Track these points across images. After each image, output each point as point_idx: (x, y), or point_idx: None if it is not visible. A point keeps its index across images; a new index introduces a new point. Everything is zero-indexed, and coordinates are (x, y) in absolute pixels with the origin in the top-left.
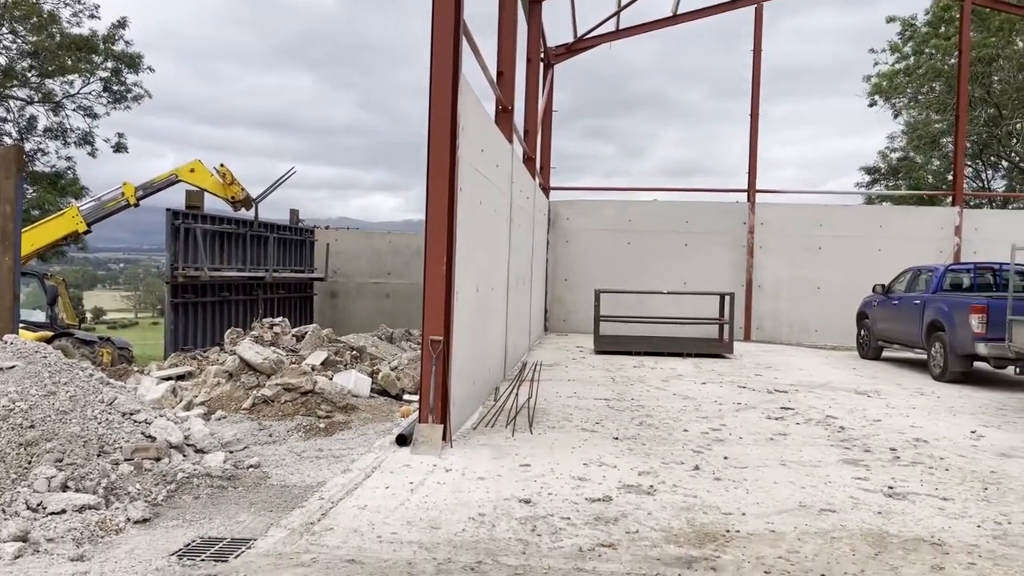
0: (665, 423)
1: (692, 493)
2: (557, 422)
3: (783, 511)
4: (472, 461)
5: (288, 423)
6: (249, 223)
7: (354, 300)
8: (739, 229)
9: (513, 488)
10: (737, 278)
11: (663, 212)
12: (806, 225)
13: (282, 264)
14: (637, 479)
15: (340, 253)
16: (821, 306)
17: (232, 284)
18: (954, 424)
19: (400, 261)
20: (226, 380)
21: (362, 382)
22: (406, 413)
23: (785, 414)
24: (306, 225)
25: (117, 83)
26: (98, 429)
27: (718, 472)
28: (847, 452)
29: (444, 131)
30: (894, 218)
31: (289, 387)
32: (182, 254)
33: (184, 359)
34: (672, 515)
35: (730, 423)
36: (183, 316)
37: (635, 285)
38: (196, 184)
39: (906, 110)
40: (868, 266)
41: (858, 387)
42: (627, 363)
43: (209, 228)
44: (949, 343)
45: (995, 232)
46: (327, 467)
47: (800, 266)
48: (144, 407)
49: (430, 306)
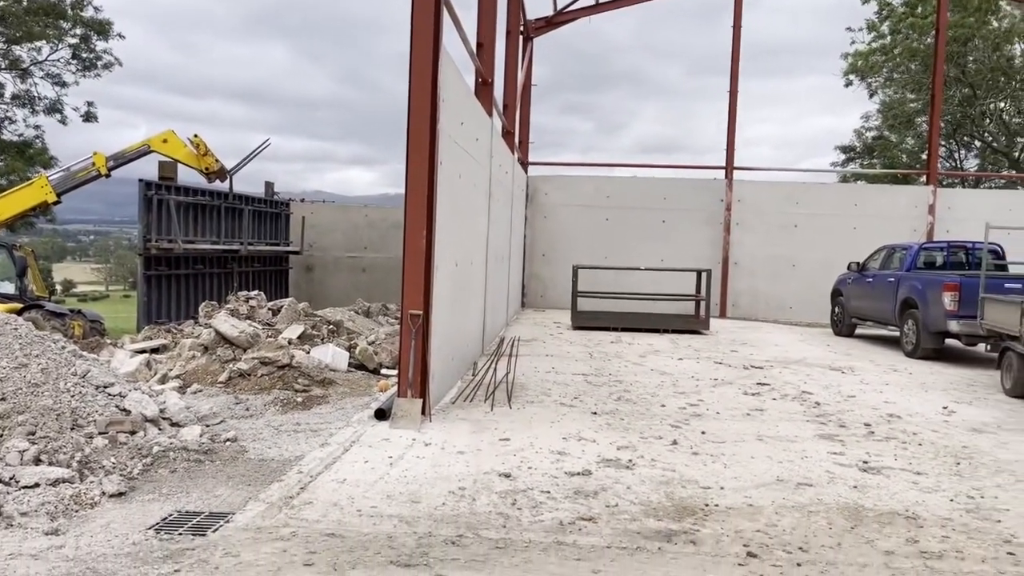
0: (643, 398)
1: (671, 467)
2: (536, 397)
3: (761, 485)
4: (451, 435)
5: (265, 397)
6: (224, 195)
7: (330, 274)
8: (716, 206)
9: (493, 462)
10: (714, 255)
11: (641, 189)
12: (783, 203)
13: (257, 237)
14: (616, 453)
15: (316, 226)
16: (797, 283)
17: (206, 257)
18: (927, 400)
19: (377, 235)
20: (202, 353)
21: (340, 356)
22: (384, 387)
23: (761, 390)
24: (281, 198)
25: (86, 50)
26: (71, 402)
27: (696, 447)
28: (823, 427)
29: (425, 103)
30: (869, 196)
31: (266, 361)
32: (155, 226)
33: (158, 332)
34: (651, 489)
35: (707, 398)
36: (156, 289)
37: (613, 261)
38: (169, 155)
39: (882, 89)
40: (843, 244)
41: (832, 363)
42: (605, 339)
43: (183, 200)
44: (922, 320)
45: (967, 211)
46: (305, 441)
47: (776, 243)
48: (118, 380)
49: (409, 280)
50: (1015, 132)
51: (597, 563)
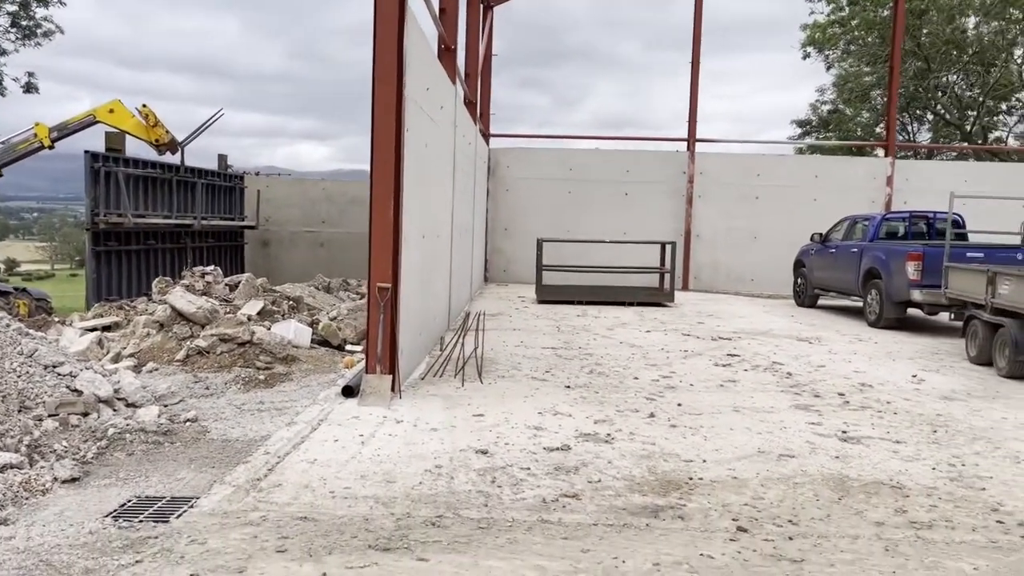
0: (615, 371)
1: (650, 441)
2: (507, 371)
3: (743, 457)
4: (423, 412)
5: (225, 375)
6: (175, 168)
7: (287, 249)
8: (679, 179)
9: (468, 439)
10: (676, 228)
11: (604, 161)
12: (744, 175)
13: (211, 212)
14: (594, 427)
15: (271, 201)
16: (758, 255)
17: (158, 232)
18: (895, 369)
19: (335, 209)
20: (157, 331)
21: (302, 332)
22: (350, 364)
23: (732, 361)
24: (235, 171)
25: (25, 17)
26: (17, 383)
27: (674, 419)
28: (798, 398)
29: (391, 64)
30: (829, 168)
31: (225, 338)
32: (103, 200)
33: (110, 309)
34: (633, 463)
35: (679, 370)
36: (106, 265)
37: (576, 234)
38: (116, 125)
39: (838, 63)
40: (803, 215)
41: (799, 334)
42: (571, 312)
43: (132, 172)
44: (885, 290)
45: (924, 182)
46: (270, 420)
47: (737, 216)
48: (68, 359)
49: (377, 252)
50: (967, 106)
51: (585, 541)
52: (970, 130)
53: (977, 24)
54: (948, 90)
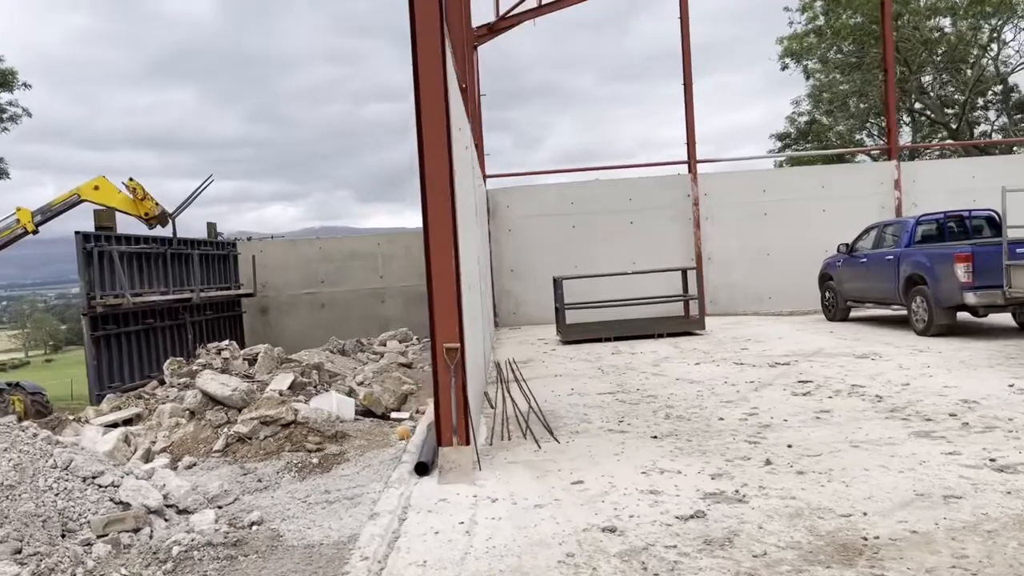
0: (693, 412)
1: (787, 494)
2: (577, 425)
3: (904, 505)
4: (515, 485)
5: (275, 463)
6: (168, 240)
7: (286, 314)
8: (683, 202)
9: (584, 514)
10: (686, 252)
11: (605, 191)
12: (749, 192)
13: (207, 282)
14: (713, 484)
15: (267, 265)
16: (772, 273)
17: (156, 309)
18: (985, 379)
19: (333, 268)
20: (187, 420)
21: (345, 404)
22: (404, 434)
23: (808, 388)
24: (226, 239)
25: None
26: (56, 502)
27: (794, 464)
28: (909, 424)
29: (438, 99)
30: (835, 177)
31: (267, 420)
32: (98, 281)
33: (127, 400)
34: (786, 525)
35: (760, 405)
36: (106, 350)
37: (584, 268)
38: (103, 203)
39: (814, 76)
40: (814, 227)
41: (854, 351)
42: (603, 351)
43: (126, 249)
44: (933, 296)
45: (931, 183)
46: (346, 513)
47: (748, 234)
48: (108, 467)
49: (440, 307)
50: (947, 103)
51: None
52: (956, 127)
53: (954, 22)
54: (929, 90)
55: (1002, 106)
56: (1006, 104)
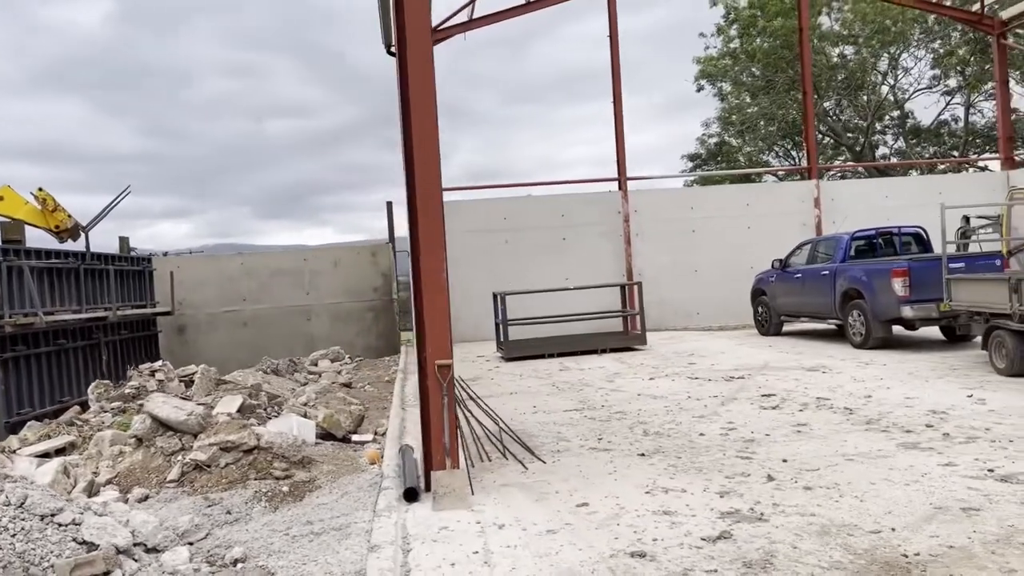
0: (670, 428)
1: (805, 511)
2: (556, 444)
3: (927, 519)
4: (517, 510)
5: (241, 492)
6: (81, 255)
7: (205, 333)
8: (615, 219)
9: (604, 540)
10: (618, 268)
11: (538, 207)
12: (678, 209)
13: (122, 300)
14: (726, 503)
15: (183, 282)
16: (700, 289)
17: (68, 329)
18: (941, 390)
19: (256, 284)
20: (135, 447)
21: (306, 427)
22: (374, 458)
23: (774, 401)
24: (140, 253)
25: None
26: (15, 544)
27: (798, 479)
28: (891, 436)
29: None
30: (759, 196)
31: (227, 446)
32: (6, 298)
33: (58, 427)
34: (819, 544)
35: (735, 419)
36: (14, 374)
37: (517, 285)
38: (8, 215)
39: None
40: (739, 244)
41: (801, 364)
42: (550, 367)
43: (36, 264)
44: (871, 309)
45: (848, 201)
46: (339, 545)
47: (676, 251)
48: (68, 504)
49: (432, 324)
50: (848, 128)
51: None
52: (860, 150)
53: (857, 50)
54: (834, 113)
55: (899, 130)
56: (903, 128)
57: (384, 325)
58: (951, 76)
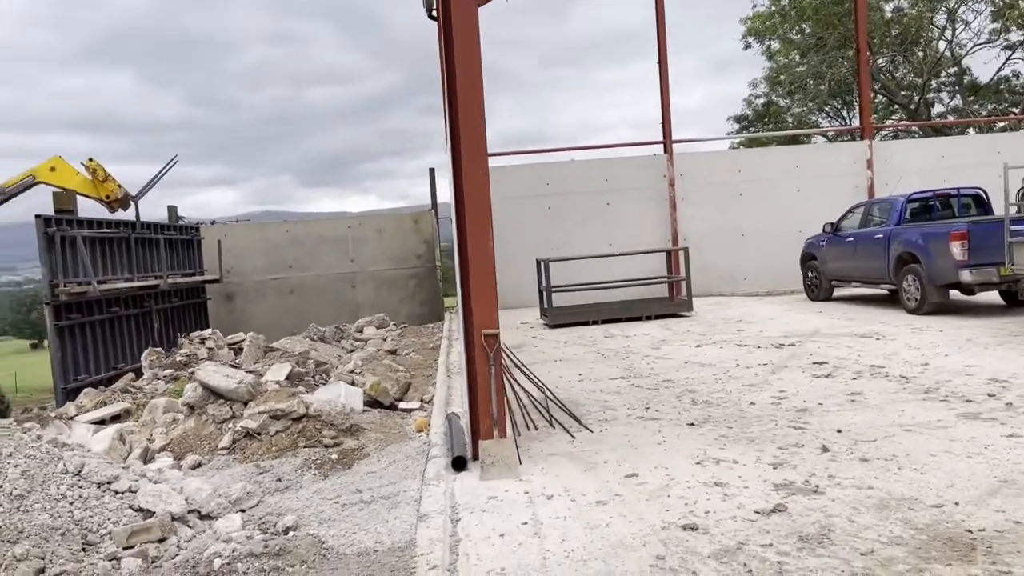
0: (719, 397)
1: (862, 483)
2: (603, 413)
3: (992, 492)
4: (565, 480)
5: (291, 460)
6: (131, 224)
7: (252, 301)
8: (660, 183)
9: (655, 511)
10: (663, 233)
11: (582, 172)
12: (725, 172)
13: (172, 268)
14: (779, 475)
15: (231, 250)
16: (747, 253)
17: (120, 297)
18: (1002, 357)
19: (302, 252)
20: (187, 415)
21: (353, 395)
22: (422, 426)
23: (826, 369)
24: (188, 222)
25: None
26: (73, 512)
27: (854, 451)
28: (951, 406)
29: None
30: (810, 157)
31: (277, 414)
32: (60, 267)
33: (113, 394)
34: (878, 518)
35: (786, 388)
36: (71, 341)
37: (561, 251)
38: (60, 185)
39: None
40: (788, 207)
41: (853, 330)
42: (594, 334)
43: (89, 234)
44: (927, 274)
45: (903, 162)
46: (388, 514)
47: (723, 215)
48: (124, 471)
49: (479, 292)
50: (902, 85)
51: None
52: (915, 109)
53: (914, 4)
54: (887, 71)
55: (956, 88)
56: (960, 85)
57: (427, 292)
58: (1012, 29)
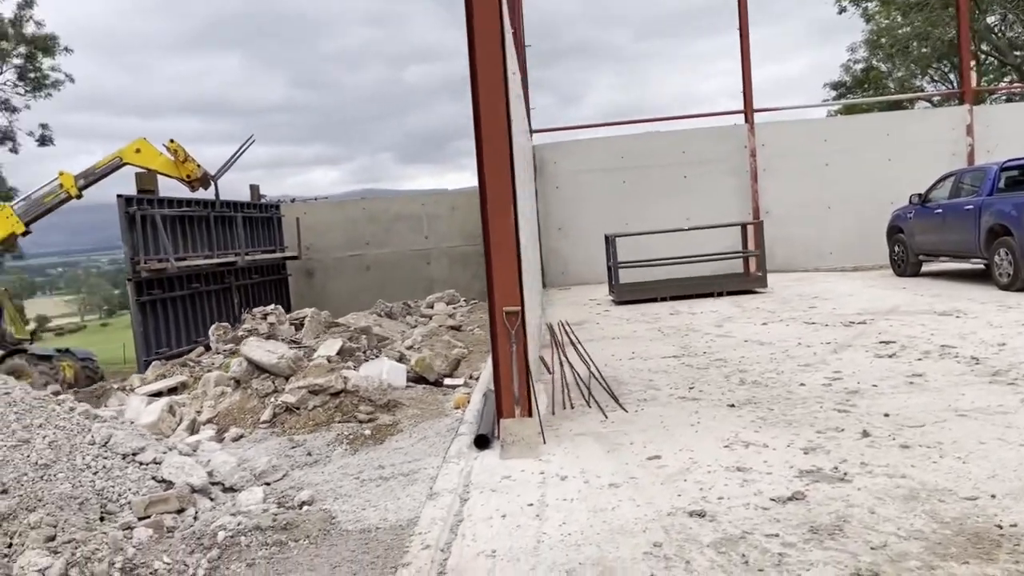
0: (770, 377)
1: (895, 472)
2: (644, 392)
3: None
4: (585, 461)
5: (325, 434)
6: (211, 203)
7: (332, 277)
8: (740, 154)
9: (667, 496)
10: (743, 206)
11: (658, 144)
12: (810, 142)
13: (251, 245)
14: (808, 460)
15: (311, 227)
16: (834, 227)
17: (201, 274)
18: None
19: (379, 229)
20: (233, 388)
21: (396, 371)
22: (461, 403)
23: (892, 349)
24: (269, 201)
25: (32, 69)
26: (95, 482)
27: (896, 436)
28: (1018, 390)
29: (494, 36)
30: (903, 124)
31: (316, 389)
32: (141, 245)
33: (172, 367)
34: (902, 510)
35: (844, 369)
36: (152, 316)
37: (635, 225)
38: (145, 165)
39: (874, 18)
40: (879, 178)
41: (933, 308)
42: (660, 311)
43: (169, 213)
44: (1020, 248)
45: (1007, 128)
46: (403, 491)
47: (807, 186)
48: (150, 443)
49: (500, 269)
50: (1015, 45)
51: None
52: None
53: None
54: (997, 30)
55: None
56: None
57: None
58: None
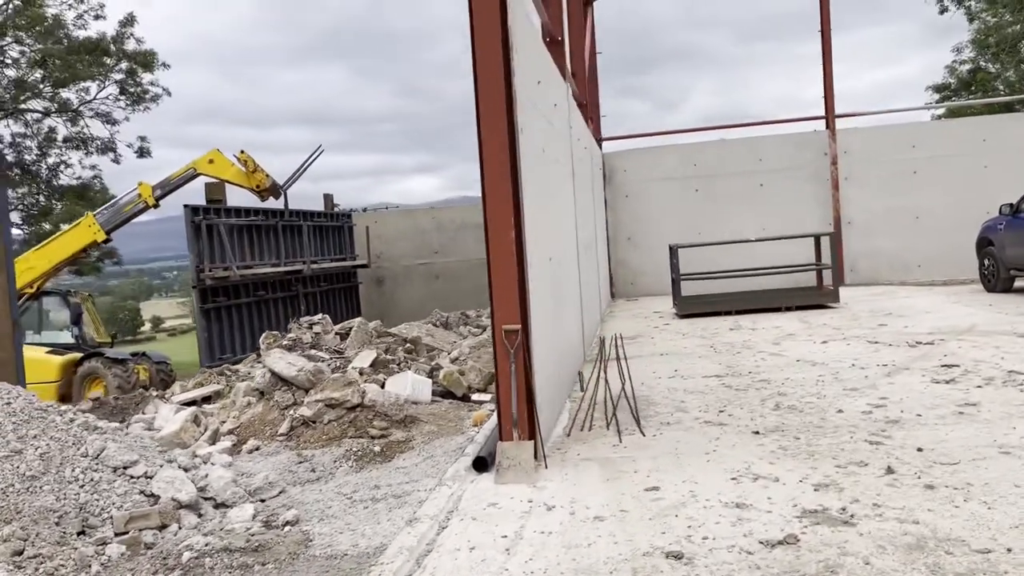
0: (808, 402)
1: (907, 516)
2: (670, 414)
3: None
4: (579, 489)
5: (334, 450)
6: (279, 212)
7: (401, 285)
8: (820, 161)
9: (649, 532)
10: (823, 216)
11: (732, 152)
12: (896, 148)
13: (320, 254)
14: (816, 498)
15: (381, 236)
16: (922, 238)
17: (267, 282)
18: None
19: (447, 238)
20: (257, 399)
21: (421, 385)
22: (480, 420)
23: (952, 374)
24: (342, 210)
25: (133, 84)
26: (80, 495)
27: (923, 474)
28: None
29: (493, 41)
30: (1001, 128)
31: (332, 402)
32: (207, 253)
33: (211, 376)
34: (900, 562)
35: (892, 394)
36: (216, 323)
37: (708, 236)
38: (217, 176)
39: (978, 17)
40: (973, 186)
41: (1015, 328)
42: (721, 326)
43: (234, 222)
44: None
45: None
46: (387, 515)
47: (894, 195)
48: (145, 454)
49: (499, 286)
50: None
51: None
52: None
53: None
54: None
55: None
56: None
57: None
58: None
